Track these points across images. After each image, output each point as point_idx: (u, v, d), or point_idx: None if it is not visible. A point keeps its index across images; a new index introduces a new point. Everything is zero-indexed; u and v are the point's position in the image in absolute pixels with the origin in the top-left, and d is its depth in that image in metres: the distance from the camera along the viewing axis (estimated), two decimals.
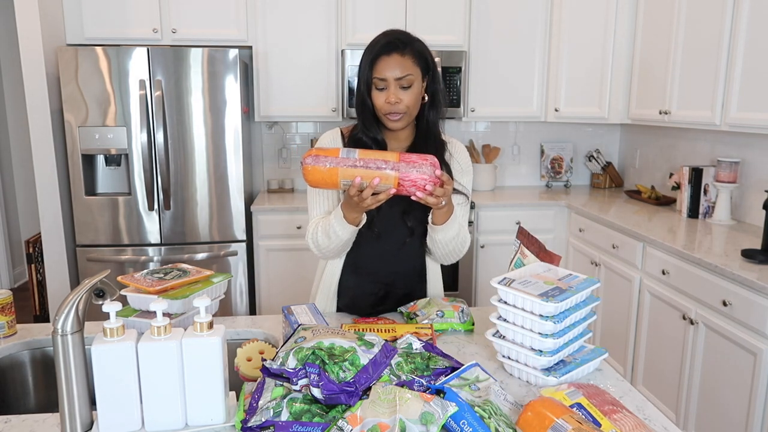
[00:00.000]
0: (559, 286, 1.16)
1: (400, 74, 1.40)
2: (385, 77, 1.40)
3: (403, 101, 1.42)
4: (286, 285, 3.35)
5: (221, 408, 1.01)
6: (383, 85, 1.42)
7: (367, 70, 1.43)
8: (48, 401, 1.43)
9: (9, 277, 4.65)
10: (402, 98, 1.41)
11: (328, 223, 1.44)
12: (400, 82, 1.41)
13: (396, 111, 1.42)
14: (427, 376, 1.08)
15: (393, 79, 1.40)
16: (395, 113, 1.42)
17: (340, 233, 1.42)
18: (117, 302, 0.99)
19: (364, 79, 1.44)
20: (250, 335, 1.45)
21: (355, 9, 3.40)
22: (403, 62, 1.41)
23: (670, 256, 2.42)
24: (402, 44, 1.42)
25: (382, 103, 1.43)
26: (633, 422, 0.94)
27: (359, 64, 1.47)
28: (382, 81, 1.41)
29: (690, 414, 2.31)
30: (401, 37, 1.44)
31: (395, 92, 1.41)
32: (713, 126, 2.59)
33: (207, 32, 3.31)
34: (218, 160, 3.13)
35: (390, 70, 1.40)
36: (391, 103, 1.41)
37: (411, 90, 1.42)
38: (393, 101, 1.41)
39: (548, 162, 4.01)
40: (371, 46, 1.44)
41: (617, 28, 3.34)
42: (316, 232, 1.48)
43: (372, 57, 1.42)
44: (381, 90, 1.43)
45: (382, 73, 1.40)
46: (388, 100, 1.41)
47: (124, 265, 3.14)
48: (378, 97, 1.43)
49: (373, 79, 1.42)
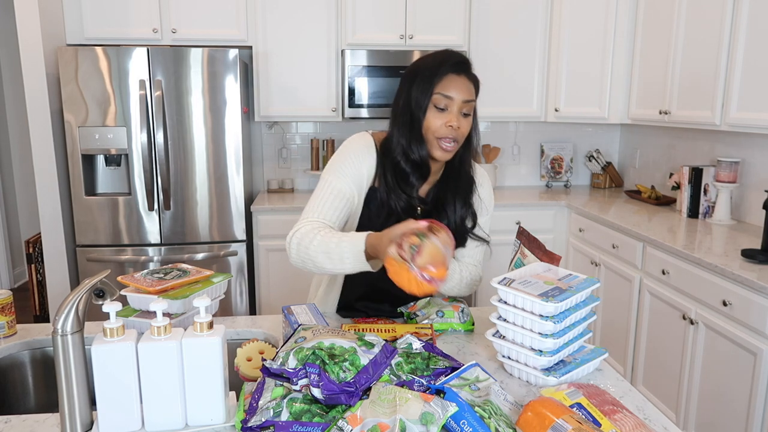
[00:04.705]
0: (559, 286, 1.16)
1: (468, 97, 1.29)
2: (452, 96, 1.28)
3: (462, 129, 1.30)
4: (286, 285, 3.35)
5: (221, 408, 1.01)
6: (446, 105, 1.29)
7: (431, 84, 1.29)
8: (48, 401, 1.43)
9: (9, 277, 4.65)
10: (461, 125, 1.30)
11: (335, 242, 1.25)
12: (465, 105, 1.30)
13: (453, 137, 1.30)
14: (427, 376, 1.08)
15: (460, 101, 1.29)
16: (450, 139, 1.30)
17: (347, 262, 1.24)
18: (117, 302, 0.99)
19: (423, 93, 1.29)
20: (250, 335, 1.45)
21: (355, 9, 3.40)
22: (469, 86, 1.31)
23: (670, 256, 2.42)
24: (469, 67, 1.32)
25: (439, 125, 1.29)
26: (633, 422, 0.94)
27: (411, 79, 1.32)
28: (446, 99, 1.28)
29: (690, 414, 2.31)
30: (467, 60, 1.33)
31: (458, 116, 1.29)
32: (713, 126, 2.59)
33: (207, 32, 3.31)
34: (218, 160, 3.13)
35: (458, 91, 1.28)
36: (453, 128, 1.28)
37: (469, 119, 1.31)
38: (455, 126, 1.28)
39: (548, 162, 4.01)
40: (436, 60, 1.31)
41: (617, 27, 3.34)
42: (309, 237, 1.29)
43: (439, 72, 1.29)
44: (441, 110, 1.29)
45: (449, 90, 1.28)
46: (449, 123, 1.28)
47: (124, 265, 3.14)
48: (436, 117, 1.29)
49: (435, 95, 1.28)
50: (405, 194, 1.37)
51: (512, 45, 3.57)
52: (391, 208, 1.37)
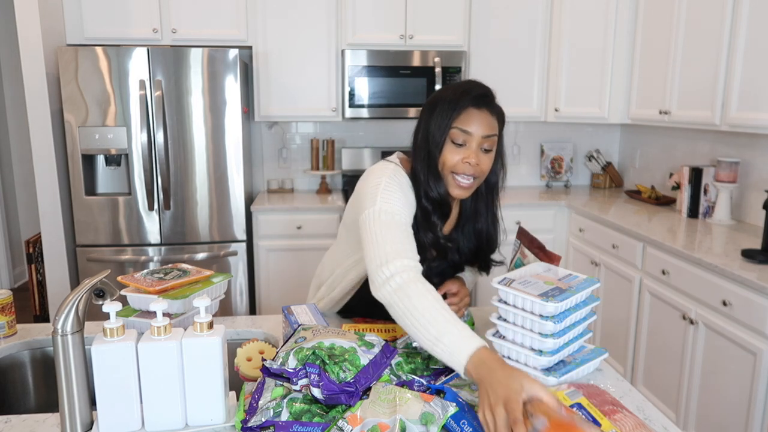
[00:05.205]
0: (559, 286, 1.16)
1: (488, 132, 1.24)
2: (471, 132, 1.23)
3: (481, 165, 1.24)
4: (286, 285, 3.35)
5: (221, 408, 1.01)
6: (464, 140, 1.24)
7: (449, 118, 1.23)
8: (48, 401, 1.43)
9: (9, 277, 4.65)
10: (481, 162, 1.24)
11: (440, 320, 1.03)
12: (485, 141, 1.24)
13: (472, 174, 1.24)
14: (427, 375, 1.08)
15: (479, 137, 1.23)
16: (468, 176, 1.24)
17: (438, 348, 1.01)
18: (117, 302, 0.99)
19: (440, 127, 1.24)
20: (250, 335, 1.45)
21: (355, 9, 3.40)
22: (491, 121, 1.25)
23: (670, 256, 2.42)
24: (493, 102, 1.27)
25: (456, 161, 1.23)
26: (633, 422, 0.94)
27: (431, 110, 1.26)
28: (464, 134, 1.23)
29: (690, 414, 2.31)
30: (492, 94, 1.28)
31: (477, 152, 1.23)
32: (713, 126, 2.59)
33: (207, 32, 3.31)
34: (218, 160, 3.13)
35: (478, 126, 1.23)
36: (471, 164, 1.23)
37: (490, 155, 1.26)
38: (474, 162, 1.23)
39: (548, 162, 4.01)
40: (456, 92, 1.25)
41: (617, 27, 3.34)
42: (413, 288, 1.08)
43: (458, 106, 1.23)
44: (459, 146, 1.24)
45: (468, 125, 1.23)
46: (467, 159, 1.23)
47: (124, 265, 3.14)
48: (453, 153, 1.24)
49: (453, 129, 1.23)
50: (430, 232, 1.31)
51: (512, 45, 3.57)
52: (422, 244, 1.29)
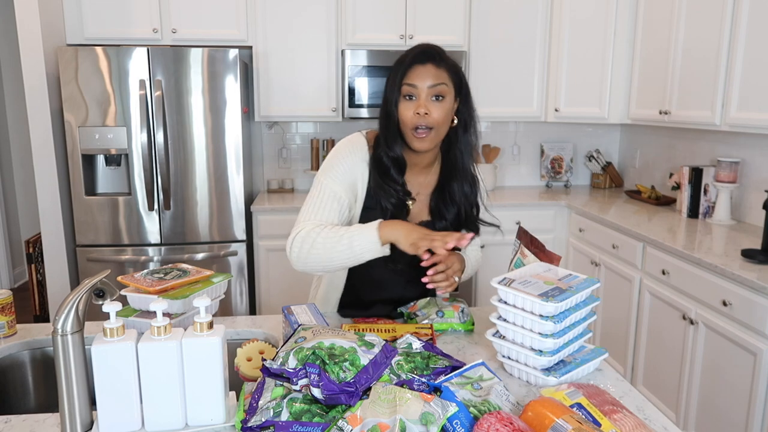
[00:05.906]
0: (559, 286, 1.16)
1: (434, 82, 1.32)
2: (416, 84, 1.32)
3: (432, 114, 1.32)
4: (286, 285, 3.35)
5: (221, 408, 1.01)
6: (413, 93, 1.33)
7: (397, 78, 1.34)
8: (48, 401, 1.43)
9: (9, 277, 4.65)
10: (431, 110, 1.32)
11: (343, 233, 1.31)
12: (432, 90, 1.32)
13: (425, 124, 1.32)
14: (427, 375, 1.08)
15: (425, 88, 1.32)
16: (423, 127, 1.33)
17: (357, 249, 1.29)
18: (117, 302, 0.99)
19: (392, 88, 1.35)
20: (250, 335, 1.45)
21: (355, 9, 3.40)
22: (437, 72, 1.33)
23: (670, 256, 2.42)
24: (438, 56, 1.35)
25: (410, 115, 1.33)
26: (633, 422, 0.94)
27: (389, 75, 1.38)
28: (412, 88, 1.33)
29: (690, 414, 2.31)
30: (438, 50, 1.36)
31: (426, 103, 1.32)
32: (713, 126, 2.59)
33: (207, 32, 3.31)
34: (218, 160, 3.13)
35: (422, 79, 1.32)
36: (420, 114, 1.31)
37: (442, 104, 1.33)
38: (422, 112, 1.31)
39: (548, 162, 4.01)
40: (405, 54, 1.36)
41: (617, 27, 3.34)
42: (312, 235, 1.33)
43: (405, 64, 1.34)
44: (410, 100, 1.34)
45: (413, 79, 1.33)
46: (416, 111, 1.32)
47: (124, 265, 3.14)
48: (406, 108, 1.34)
49: (403, 85, 1.33)
50: (389, 187, 1.39)
51: (512, 45, 3.57)
52: (383, 207, 1.39)
